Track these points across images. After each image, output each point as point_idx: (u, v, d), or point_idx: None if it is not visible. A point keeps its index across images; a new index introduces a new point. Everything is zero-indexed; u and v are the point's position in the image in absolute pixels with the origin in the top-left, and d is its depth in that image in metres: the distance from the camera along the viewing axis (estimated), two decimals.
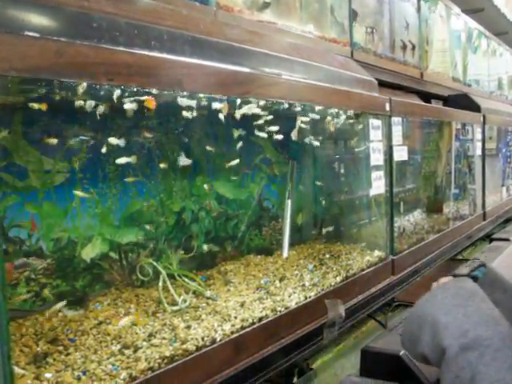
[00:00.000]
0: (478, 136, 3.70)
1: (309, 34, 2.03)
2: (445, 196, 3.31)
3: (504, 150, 4.73)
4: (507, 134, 4.86)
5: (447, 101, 3.74)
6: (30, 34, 0.88)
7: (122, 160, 1.27)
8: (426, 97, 3.56)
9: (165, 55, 1.12)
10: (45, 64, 0.88)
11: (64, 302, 1.24)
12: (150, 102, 1.17)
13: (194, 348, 1.18)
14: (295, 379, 1.78)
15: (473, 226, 3.31)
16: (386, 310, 2.37)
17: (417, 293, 2.43)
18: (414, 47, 3.21)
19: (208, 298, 1.45)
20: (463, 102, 3.69)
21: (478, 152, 3.72)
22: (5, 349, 0.85)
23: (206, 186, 1.61)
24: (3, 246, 1.18)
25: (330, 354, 2.01)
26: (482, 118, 3.64)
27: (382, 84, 2.74)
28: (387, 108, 2.07)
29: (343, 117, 1.94)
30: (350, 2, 2.38)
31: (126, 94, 1.15)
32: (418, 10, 3.28)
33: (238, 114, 1.43)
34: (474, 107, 3.67)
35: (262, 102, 1.53)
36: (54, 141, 1.22)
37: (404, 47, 3.07)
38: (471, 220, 3.31)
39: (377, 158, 2.01)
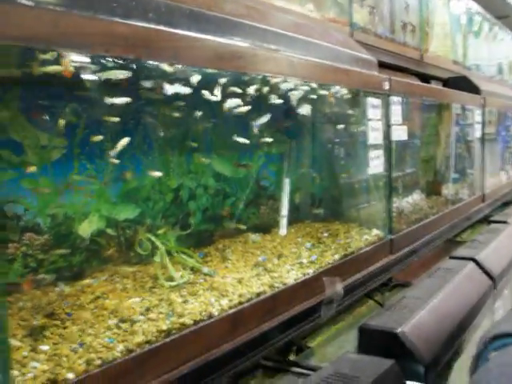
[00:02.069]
0: (478, 119, 3.69)
1: (308, 13, 2.01)
2: (444, 178, 3.31)
3: (503, 134, 4.73)
4: (506, 118, 4.85)
5: (447, 83, 3.72)
6: (25, 2, 0.87)
7: (123, 141, 1.26)
8: (426, 79, 3.54)
9: (162, 27, 1.10)
10: (40, 33, 0.87)
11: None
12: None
13: (192, 322, 1.18)
14: (293, 357, 1.78)
15: (471, 207, 3.31)
16: (383, 289, 2.38)
17: (415, 273, 2.46)
18: (414, 29, 3.19)
19: (205, 275, 1.45)
20: (463, 84, 3.68)
21: (478, 135, 3.71)
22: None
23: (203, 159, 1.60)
24: None
25: (328, 332, 2.02)
26: (481, 101, 3.63)
27: (382, 65, 2.72)
28: (386, 87, 2.06)
29: (342, 95, 1.93)
30: None
31: (124, 68, 1.14)
32: None
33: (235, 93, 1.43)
34: (474, 90, 3.66)
35: (261, 80, 1.52)
36: (51, 116, 1.22)
37: (404, 28, 3.04)
38: (470, 202, 3.32)
39: (375, 136, 2.00)
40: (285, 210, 1.87)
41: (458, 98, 3.28)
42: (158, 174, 1.43)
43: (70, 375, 0.92)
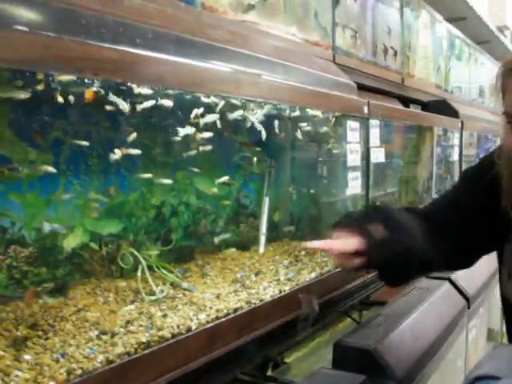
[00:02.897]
0: (456, 141, 3.79)
1: (292, 37, 2.08)
2: (423, 198, 3.39)
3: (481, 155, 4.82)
4: (487, 140, 4.97)
5: (427, 106, 3.82)
6: (20, 27, 0.92)
7: (114, 156, 1.32)
8: (408, 102, 3.64)
9: (148, 52, 1.16)
10: (33, 56, 0.92)
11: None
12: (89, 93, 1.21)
13: (170, 335, 1.22)
14: (269, 372, 1.82)
15: None
16: (361, 308, 2.43)
17: (391, 292, 2.52)
18: (395, 53, 3.28)
19: (185, 290, 1.49)
20: (442, 107, 3.77)
21: (456, 157, 3.81)
22: None
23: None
24: None
25: (305, 349, 2.06)
26: (459, 124, 3.72)
27: (364, 88, 2.80)
28: (365, 111, 2.13)
29: (322, 118, 2.00)
30: (334, 7, 2.44)
31: (111, 90, 1.20)
32: (401, 16, 3.35)
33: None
34: (453, 113, 3.75)
35: (243, 103, 1.58)
36: (40, 132, 1.27)
37: (385, 52, 3.13)
38: None
39: (354, 158, 2.07)
40: (264, 228, 1.92)
41: (436, 122, 3.37)
42: (168, 181, 1.52)
43: None
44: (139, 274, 1.43)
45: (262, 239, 1.91)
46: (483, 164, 1.60)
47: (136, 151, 1.40)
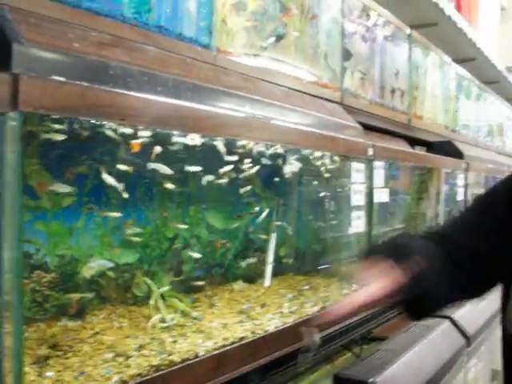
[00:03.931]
0: (461, 182, 3.88)
1: (302, 79, 2.19)
2: None
3: None
4: (494, 180, 5.04)
5: (433, 147, 3.91)
6: (57, 78, 1.05)
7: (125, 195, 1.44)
8: (414, 142, 3.74)
9: (169, 100, 1.28)
10: (68, 104, 1.04)
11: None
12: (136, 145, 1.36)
13: (179, 360, 1.31)
14: None
15: None
16: (362, 342, 2.50)
17: (393, 328, 2.59)
18: (402, 93, 3.38)
19: (194, 318, 1.59)
20: (447, 148, 3.86)
21: (461, 197, 3.88)
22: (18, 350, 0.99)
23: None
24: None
25: (306, 381, 2.13)
26: (464, 165, 3.82)
27: (371, 128, 2.91)
28: (370, 153, 2.24)
29: (328, 159, 2.11)
30: (343, 49, 2.56)
31: (132, 132, 1.32)
32: (409, 57, 3.47)
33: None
34: (458, 154, 3.85)
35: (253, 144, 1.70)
36: (65, 167, 1.39)
37: (393, 93, 3.24)
38: None
39: (357, 198, 2.17)
40: (270, 262, 2.02)
41: (441, 163, 3.47)
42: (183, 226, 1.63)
43: None
44: (152, 301, 1.53)
45: (268, 273, 2.01)
46: (500, 188, 1.53)
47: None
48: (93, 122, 1.22)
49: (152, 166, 1.47)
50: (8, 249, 0.98)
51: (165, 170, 1.47)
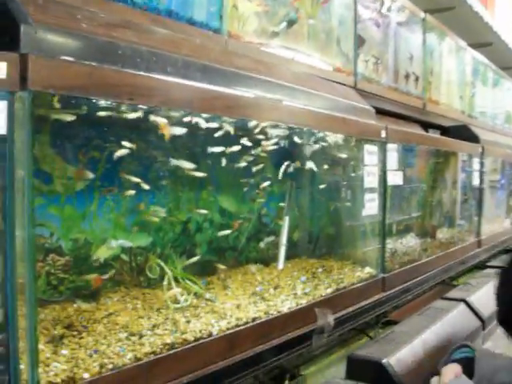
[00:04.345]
0: (476, 167, 3.83)
1: (314, 63, 2.19)
2: (439, 222, 3.45)
3: (505, 182, 4.85)
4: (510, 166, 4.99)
5: (448, 131, 3.87)
6: (66, 58, 1.05)
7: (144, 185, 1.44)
8: (429, 127, 3.71)
9: (179, 80, 1.28)
10: (78, 83, 1.05)
11: None
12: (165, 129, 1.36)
13: (193, 339, 1.32)
14: (286, 383, 1.91)
15: (466, 252, 3.43)
16: (376, 325, 2.50)
17: (408, 312, 2.58)
18: (417, 78, 3.36)
19: (207, 300, 1.59)
20: (463, 133, 3.82)
21: (476, 182, 3.84)
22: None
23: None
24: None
25: (321, 363, 2.14)
26: (480, 150, 3.78)
27: (385, 113, 2.89)
28: (383, 135, 2.22)
29: (341, 141, 2.10)
30: (356, 33, 2.55)
31: (143, 112, 1.33)
32: (424, 42, 3.44)
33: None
34: (474, 139, 3.80)
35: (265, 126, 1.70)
36: (77, 151, 1.40)
37: (407, 78, 3.21)
38: (464, 246, 3.44)
39: (371, 180, 2.16)
40: (283, 245, 2.02)
41: (455, 147, 3.44)
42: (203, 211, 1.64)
43: (86, 375, 1.07)
44: (165, 283, 1.54)
45: (282, 256, 2.01)
46: None
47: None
48: (105, 103, 1.22)
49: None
50: (20, 230, 0.99)
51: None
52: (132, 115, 1.32)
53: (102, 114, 1.29)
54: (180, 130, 1.43)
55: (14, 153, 0.97)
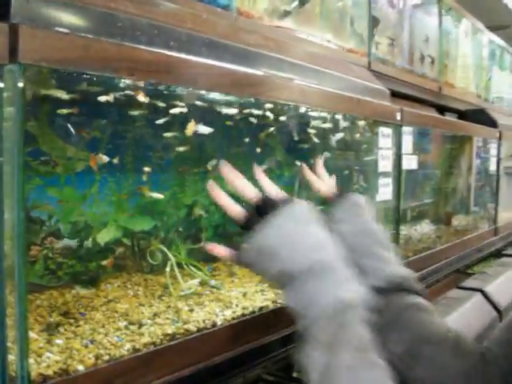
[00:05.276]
0: (493, 152, 3.74)
1: (327, 44, 2.11)
2: (455, 209, 3.37)
3: None
4: None
5: (465, 115, 3.78)
6: (61, 29, 0.98)
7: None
8: (445, 111, 3.61)
9: (182, 55, 1.21)
10: (72, 57, 0.97)
11: None
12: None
13: (195, 329, 1.26)
14: (295, 374, 1.84)
15: (482, 240, 3.35)
16: None
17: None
18: (433, 61, 3.27)
19: (212, 287, 1.53)
20: (480, 117, 3.72)
21: (493, 168, 3.75)
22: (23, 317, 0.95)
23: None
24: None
25: None
26: (497, 134, 3.68)
27: (400, 96, 2.80)
28: (398, 117, 2.14)
29: (354, 123, 2.02)
30: (370, 14, 2.47)
31: (144, 90, 1.25)
32: (440, 24, 3.34)
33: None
34: (491, 123, 3.70)
35: (274, 106, 1.62)
36: (77, 130, 1.33)
37: (422, 60, 3.12)
38: (480, 234, 3.35)
39: (385, 164, 2.08)
40: None
41: (472, 131, 3.34)
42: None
43: (80, 367, 1.01)
44: (168, 269, 1.47)
45: None
46: None
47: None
48: (102, 79, 1.15)
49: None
50: (10, 211, 0.93)
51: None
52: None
53: (98, 90, 1.22)
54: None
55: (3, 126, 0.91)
